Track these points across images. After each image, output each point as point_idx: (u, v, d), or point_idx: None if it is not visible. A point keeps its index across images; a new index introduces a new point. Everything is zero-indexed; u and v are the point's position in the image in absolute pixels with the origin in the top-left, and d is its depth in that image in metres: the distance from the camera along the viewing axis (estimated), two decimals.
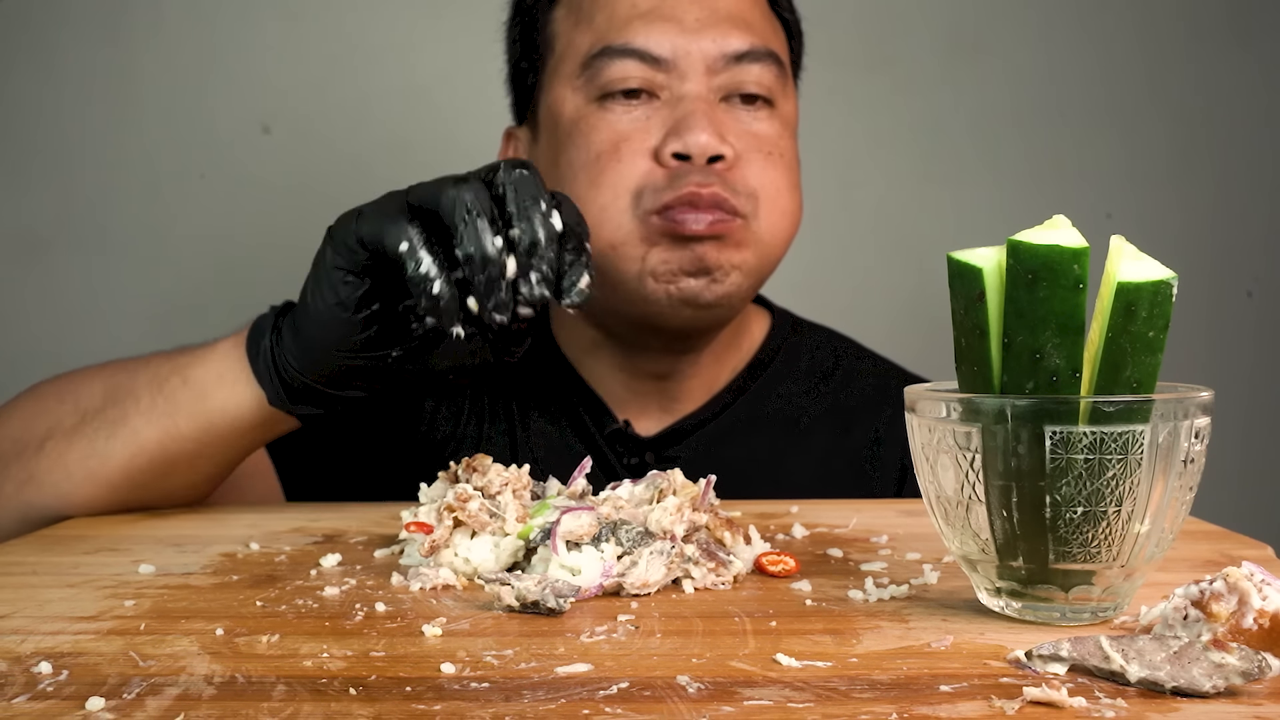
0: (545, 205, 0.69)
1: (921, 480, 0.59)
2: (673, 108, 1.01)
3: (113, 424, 0.87)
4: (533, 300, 0.68)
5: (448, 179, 0.70)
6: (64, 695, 0.48)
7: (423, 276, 0.69)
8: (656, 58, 1.01)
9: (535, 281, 0.68)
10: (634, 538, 0.66)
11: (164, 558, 0.74)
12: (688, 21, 1.02)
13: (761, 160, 1.03)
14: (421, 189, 0.71)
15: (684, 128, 0.99)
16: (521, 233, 0.68)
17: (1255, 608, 0.49)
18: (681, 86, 1.01)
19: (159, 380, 0.87)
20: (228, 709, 0.46)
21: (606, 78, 1.01)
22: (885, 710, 0.45)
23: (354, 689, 0.48)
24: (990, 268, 0.55)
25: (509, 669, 0.51)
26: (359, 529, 0.84)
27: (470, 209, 0.68)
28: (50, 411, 0.91)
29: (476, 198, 0.68)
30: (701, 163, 0.99)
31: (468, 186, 0.69)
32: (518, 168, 0.70)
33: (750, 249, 1.02)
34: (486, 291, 0.68)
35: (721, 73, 1.02)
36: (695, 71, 1.01)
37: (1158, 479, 0.53)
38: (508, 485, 0.70)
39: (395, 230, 0.70)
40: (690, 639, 0.55)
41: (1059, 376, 0.54)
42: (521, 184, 0.69)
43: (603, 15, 1.04)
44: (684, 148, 0.98)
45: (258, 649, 0.54)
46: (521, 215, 0.68)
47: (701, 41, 1.01)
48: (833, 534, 0.81)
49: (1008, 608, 0.58)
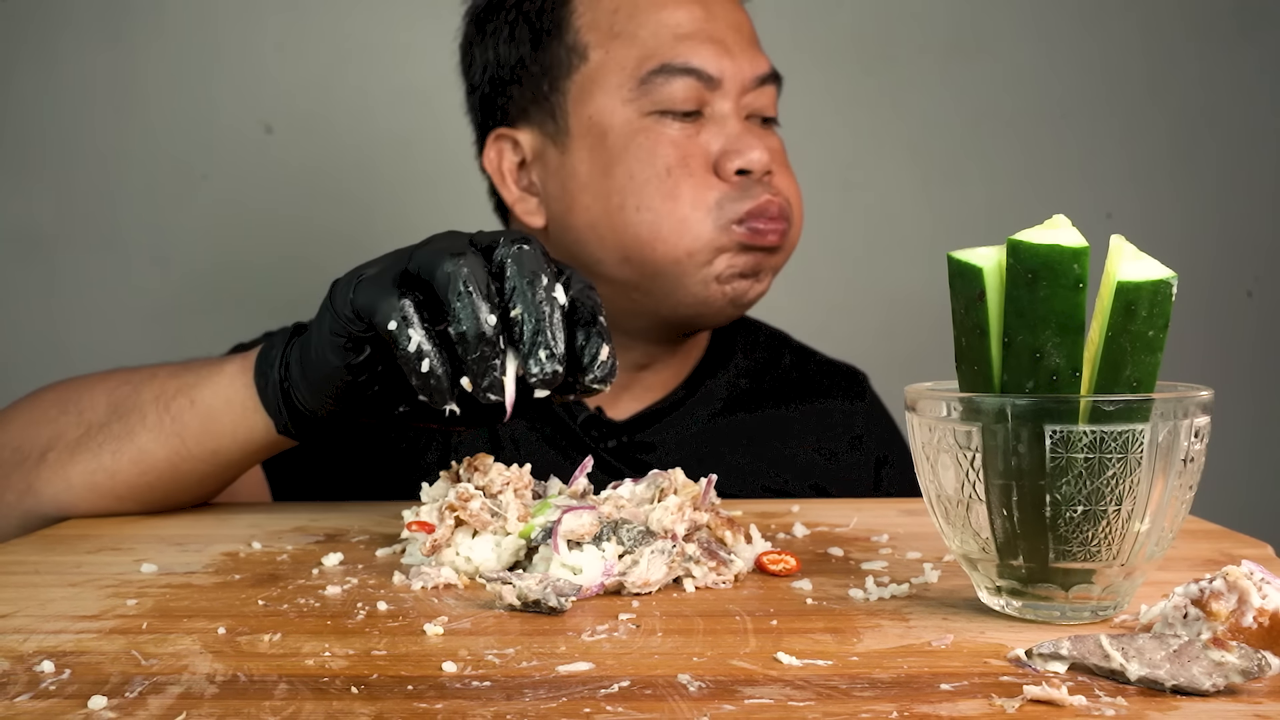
0: (548, 280, 0.68)
1: (922, 479, 0.59)
2: (719, 125, 1.07)
3: (118, 439, 0.87)
4: (546, 378, 0.66)
5: (444, 250, 0.69)
6: (66, 694, 0.48)
7: (412, 355, 0.68)
8: (711, 77, 1.06)
9: (545, 359, 0.66)
10: (635, 537, 0.66)
11: (166, 557, 0.74)
12: (729, 43, 1.08)
13: (785, 172, 1.11)
14: (421, 257, 0.70)
15: (743, 145, 1.06)
16: (525, 310, 0.67)
17: (1255, 606, 0.49)
18: (722, 105, 1.07)
19: (165, 399, 0.87)
20: (230, 708, 0.46)
21: (665, 94, 1.06)
22: (886, 709, 0.45)
23: (356, 688, 0.48)
24: (990, 267, 0.55)
25: (510, 668, 0.51)
26: (361, 528, 0.84)
27: (466, 284, 0.66)
28: (52, 421, 0.91)
29: (473, 273, 0.67)
30: (760, 177, 1.06)
31: (464, 260, 0.67)
32: (518, 242, 0.69)
33: (785, 253, 1.10)
34: (480, 371, 0.67)
35: (749, 93, 1.08)
36: (734, 91, 1.07)
37: (1158, 478, 0.53)
38: (509, 484, 0.71)
39: (386, 306, 0.69)
40: (691, 638, 0.55)
41: (1059, 376, 0.54)
42: (522, 259, 0.68)
43: (647, 31, 1.07)
44: (746, 164, 1.05)
45: (260, 648, 0.54)
46: (523, 293, 0.67)
47: (741, 63, 1.08)
48: (833, 533, 0.81)
49: (1008, 606, 0.58)
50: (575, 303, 0.69)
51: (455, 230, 0.73)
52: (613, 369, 0.69)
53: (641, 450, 1.12)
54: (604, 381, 0.68)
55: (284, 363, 0.81)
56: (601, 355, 0.68)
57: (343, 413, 0.79)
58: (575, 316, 0.69)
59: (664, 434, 1.14)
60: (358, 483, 1.10)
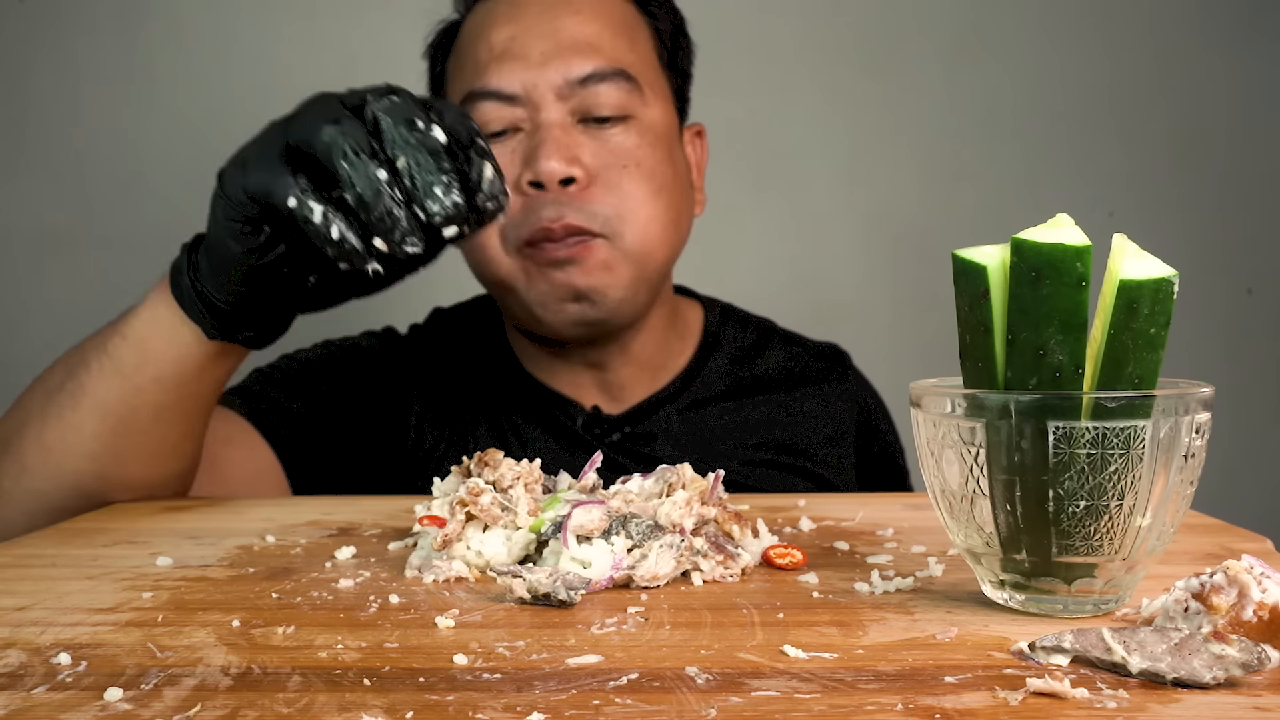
0: (422, 123, 0.69)
1: (926, 474, 0.59)
2: (529, 138, 1.07)
3: (73, 395, 0.88)
4: (450, 213, 0.68)
5: (320, 118, 0.70)
6: (83, 686, 0.48)
7: (320, 226, 0.68)
8: (510, 95, 1.06)
9: (441, 195, 0.68)
10: (644, 531, 0.66)
11: (181, 550, 0.75)
12: (533, 56, 1.07)
13: (617, 174, 1.08)
14: (297, 128, 0.70)
15: (534, 156, 1.05)
16: (408, 157, 0.68)
17: (1255, 600, 0.49)
18: (538, 117, 1.07)
19: (102, 344, 0.88)
20: (244, 699, 0.46)
21: (479, 120, 1.07)
22: (891, 700, 0.45)
23: (368, 680, 0.49)
24: (994, 265, 0.56)
25: (521, 660, 0.51)
26: (373, 522, 0.84)
27: (349, 149, 0.67)
28: (25, 402, 0.93)
29: (353, 134, 0.68)
30: (554, 188, 1.04)
31: (342, 127, 0.68)
32: (386, 94, 0.70)
33: (620, 266, 1.07)
34: (390, 226, 0.68)
35: (572, 97, 1.07)
36: (547, 101, 1.06)
37: (1159, 473, 0.54)
38: (519, 479, 0.71)
39: (281, 185, 0.70)
40: (699, 630, 0.56)
41: (1062, 372, 0.54)
42: (393, 110, 0.69)
43: (469, 61, 1.10)
44: (535, 175, 1.04)
45: (273, 640, 0.55)
46: (401, 141, 0.68)
47: (547, 73, 1.06)
48: (839, 527, 0.81)
49: (1011, 600, 0.58)
50: (451, 133, 0.70)
51: (324, 93, 0.73)
52: (500, 187, 0.70)
53: (642, 441, 1.14)
54: (495, 199, 0.70)
55: (193, 266, 0.82)
56: (487, 174, 0.70)
57: (259, 299, 0.80)
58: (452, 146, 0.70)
59: (663, 423, 1.16)
60: (372, 478, 1.12)
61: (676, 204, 1.12)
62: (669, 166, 1.12)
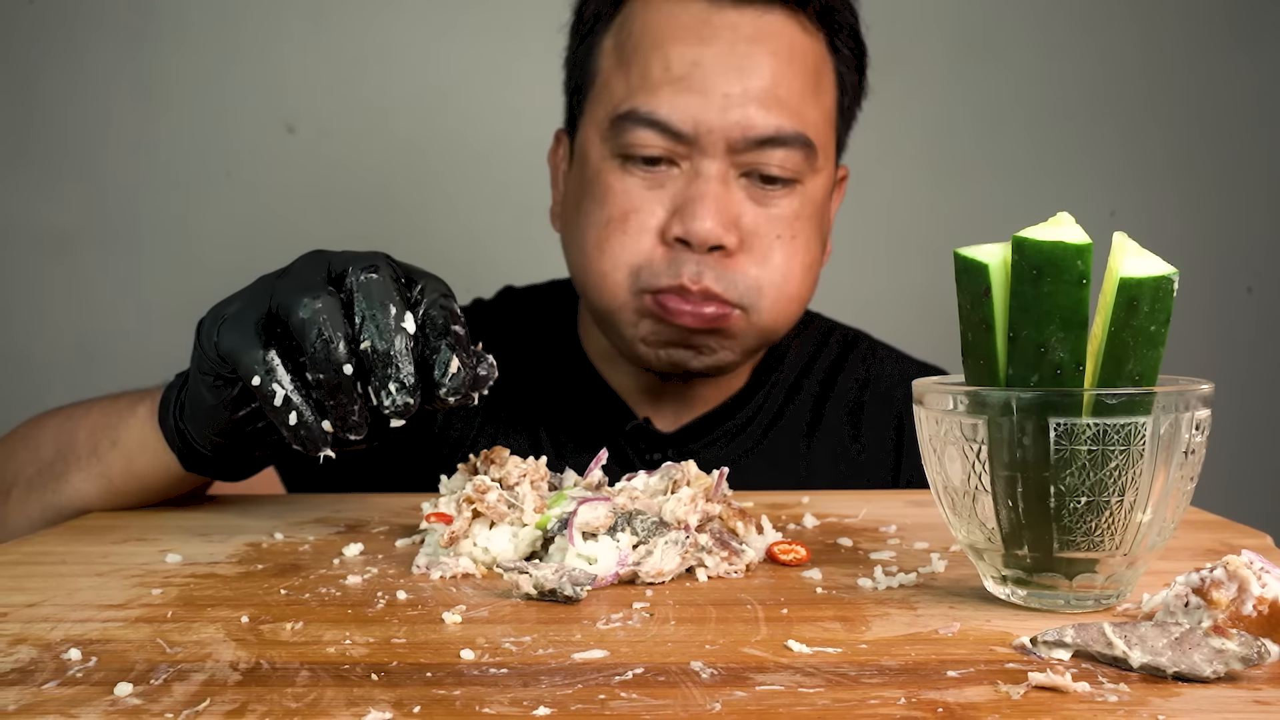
0: (396, 308, 0.66)
1: (929, 471, 0.59)
2: (689, 181, 0.99)
3: (58, 479, 0.88)
4: (399, 409, 0.65)
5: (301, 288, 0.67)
6: (93, 681, 0.48)
7: (280, 409, 0.67)
8: (679, 132, 0.98)
9: (395, 391, 0.65)
10: (649, 528, 0.66)
11: (191, 547, 0.75)
12: (715, 97, 0.98)
13: (769, 245, 1.00)
14: (281, 295, 0.68)
15: (689, 214, 0.97)
16: (373, 342, 0.65)
17: (1255, 595, 0.50)
18: (701, 161, 0.98)
19: (94, 439, 0.87)
20: (252, 694, 0.47)
21: (628, 141, 0.99)
22: (894, 695, 0.46)
23: (375, 675, 0.49)
24: (996, 263, 0.56)
25: (527, 655, 0.51)
26: (381, 519, 0.85)
27: (320, 330, 0.65)
28: (18, 456, 0.92)
29: (326, 312, 0.65)
30: (702, 250, 0.97)
31: (319, 300, 0.66)
32: (367, 270, 0.67)
33: (744, 337, 1.02)
34: (340, 416, 0.66)
35: (744, 153, 0.98)
36: (717, 150, 0.98)
37: (1159, 469, 0.54)
38: (525, 477, 0.71)
39: (249, 358, 0.67)
40: (704, 626, 0.56)
41: (1063, 370, 0.55)
42: (369, 289, 0.66)
43: (638, 68, 1.00)
44: (685, 233, 0.97)
45: (282, 636, 0.55)
46: (370, 325, 0.65)
47: (726, 121, 0.97)
48: (843, 524, 0.82)
49: (1013, 595, 0.58)
50: (427, 318, 0.67)
51: (318, 251, 0.71)
52: (465, 380, 0.66)
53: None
54: (457, 393, 0.66)
55: (178, 403, 0.81)
56: (452, 368, 0.66)
57: (233, 447, 0.78)
58: (426, 332, 0.67)
59: (710, 451, 1.11)
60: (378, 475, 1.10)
61: (815, 274, 1.06)
62: (818, 238, 1.05)
